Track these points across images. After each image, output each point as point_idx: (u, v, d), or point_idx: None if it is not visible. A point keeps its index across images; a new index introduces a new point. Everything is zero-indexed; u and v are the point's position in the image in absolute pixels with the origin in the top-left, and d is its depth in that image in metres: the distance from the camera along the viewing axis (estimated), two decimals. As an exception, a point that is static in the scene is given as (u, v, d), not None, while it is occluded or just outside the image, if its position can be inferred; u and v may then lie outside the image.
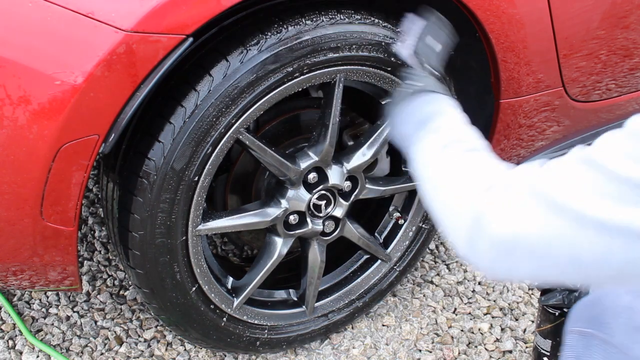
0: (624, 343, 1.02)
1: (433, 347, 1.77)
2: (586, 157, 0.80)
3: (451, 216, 0.92)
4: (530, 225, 0.80)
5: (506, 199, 0.83)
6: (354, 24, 1.35)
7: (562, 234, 0.78)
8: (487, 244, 0.83)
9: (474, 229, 0.85)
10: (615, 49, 1.66)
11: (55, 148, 1.13)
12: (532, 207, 0.80)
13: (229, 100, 1.27)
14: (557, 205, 0.78)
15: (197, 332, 1.54)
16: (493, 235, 0.82)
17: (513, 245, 0.81)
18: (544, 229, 0.79)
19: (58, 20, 1.08)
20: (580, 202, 0.76)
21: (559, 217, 0.78)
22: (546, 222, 0.79)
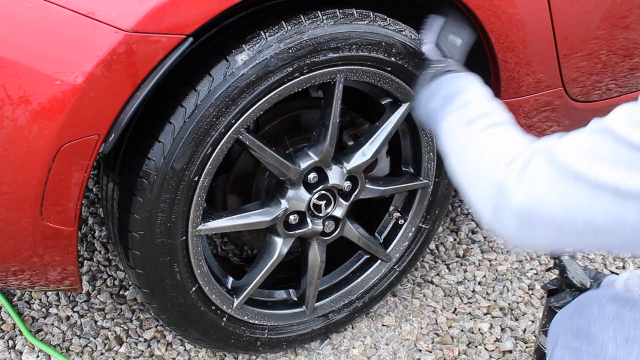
0: (617, 355, 1.01)
1: (433, 347, 1.77)
2: (602, 127, 0.83)
3: (476, 188, 0.96)
4: (549, 195, 0.84)
5: (527, 171, 0.87)
6: (354, 23, 1.35)
7: (578, 202, 0.81)
8: (509, 214, 0.87)
9: (497, 200, 0.89)
10: (615, 49, 1.66)
11: (55, 148, 1.13)
12: (551, 177, 0.84)
13: (229, 100, 1.27)
14: (573, 173, 0.82)
15: (197, 332, 1.54)
16: (515, 206, 0.87)
17: (534, 214, 0.85)
18: (562, 198, 0.83)
19: (58, 20, 1.08)
20: (595, 169, 0.80)
21: (576, 185, 0.81)
22: (564, 190, 0.83)
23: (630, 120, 0.80)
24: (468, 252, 2.06)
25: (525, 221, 0.86)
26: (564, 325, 1.12)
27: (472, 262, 2.02)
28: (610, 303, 1.08)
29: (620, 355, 1.01)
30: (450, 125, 1.10)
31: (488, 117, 1.06)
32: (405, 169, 1.70)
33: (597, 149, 0.82)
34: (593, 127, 0.85)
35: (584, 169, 0.81)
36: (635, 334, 1.01)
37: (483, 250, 2.07)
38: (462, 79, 1.22)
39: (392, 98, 1.52)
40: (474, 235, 2.12)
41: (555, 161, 0.85)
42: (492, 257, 2.04)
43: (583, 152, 0.83)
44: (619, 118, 0.82)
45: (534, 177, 0.86)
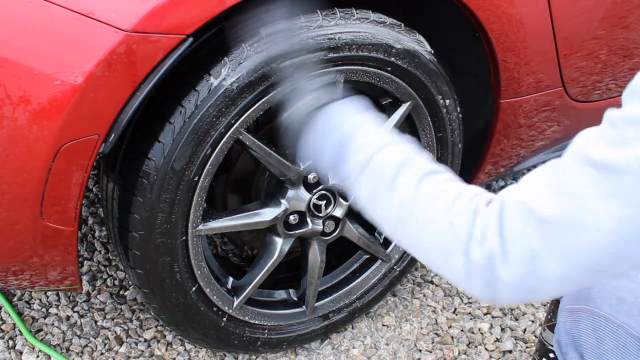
0: (610, 312, 1.09)
1: (433, 347, 1.77)
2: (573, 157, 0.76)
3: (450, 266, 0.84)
4: (544, 256, 0.76)
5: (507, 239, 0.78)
6: (354, 23, 1.35)
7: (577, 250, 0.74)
8: (506, 288, 0.79)
9: (487, 279, 0.80)
10: (615, 49, 1.66)
11: (55, 148, 1.13)
12: (536, 235, 0.75)
13: (228, 100, 1.27)
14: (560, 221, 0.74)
15: (197, 332, 1.54)
16: (511, 281, 0.78)
17: (534, 280, 0.77)
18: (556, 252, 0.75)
19: (58, 20, 1.08)
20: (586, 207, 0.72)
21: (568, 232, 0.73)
22: (556, 242, 0.74)
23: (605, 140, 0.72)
24: (468, 252, 2.06)
25: (524, 288, 0.78)
26: (569, 295, 1.18)
27: (472, 262, 2.02)
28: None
29: (613, 312, 1.09)
30: (367, 193, 0.90)
31: (406, 168, 0.88)
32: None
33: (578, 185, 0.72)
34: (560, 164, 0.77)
35: (571, 212, 0.72)
36: (627, 296, 1.09)
37: (483, 250, 2.07)
38: (343, 116, 0.96)
39: (392, 98, 1.52)
40: (474, 235, 2.12)
41: (533, 215, 0.75)
42: (492, 257, 2.04)
43: (563, 193, 0.73)
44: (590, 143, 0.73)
45: (517, 244, 0.76)
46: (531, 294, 0.80)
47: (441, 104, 1.55)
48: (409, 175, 0.86)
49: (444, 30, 1.59)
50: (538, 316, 1.85)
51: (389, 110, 1.53)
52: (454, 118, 1.59)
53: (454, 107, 1.58)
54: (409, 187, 0.86)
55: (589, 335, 1.12)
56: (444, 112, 1.57)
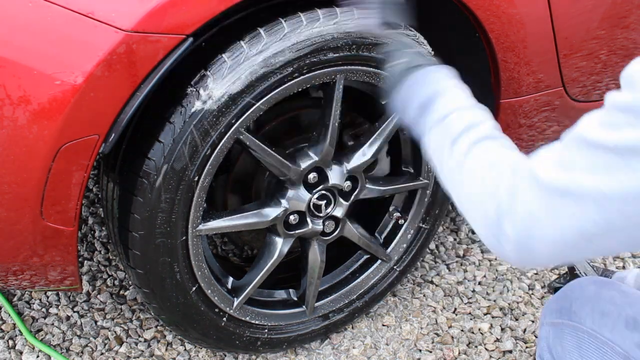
0: (594, 328, 1.09)
1: (433, 347, 1.77)
2: (574, 136, 0.84)
3: (474, 216, 0.96)
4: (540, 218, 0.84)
5: (516, 199, 0.87)
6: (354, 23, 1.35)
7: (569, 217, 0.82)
8: (508, 243, 0.88)
9: (495, 231, 0.90)
10: (615, 49, 1.66)
11: (55, 148, 1.13)
12: (538, 200, 0.85)
13: (228, 100, 1.27)
14: (557, 190, 0.83)
15: (197, 332, 1.54)
16: (512, 235, 0.87)
17: (530, 239, 0.86)
18: (553, 217, 0.83)
19: (58, 20, 1.08)
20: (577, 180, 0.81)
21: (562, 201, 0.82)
22: (552, 209, 0.83)
23: (599, 123, 0.80)
24: (468, 252, 2.06)
25: (524, 246, 0.87)
26: (550, 307, 1.20)
27: (472, 262, 2.02)
28: (590, 285, 1.17)
29: (597, 328, 1.09)
30: (435, 144, 1.05)
31: (471, 131, 1.01)
32: (405, 169, 1.70)
33: (574, 160, 0.82)
34: (566, 139, 0.86)
35: (565, 181, 0.82)
36: (610, 309, 1.09)
37: (483, 250, 2.07)
38: (432, 81, 1.11)
39: (392, 98, 1.52)
40: (474, 235, 2.12)
41: (539, 182, 0.85)
42: (492, 257, 2.04)
43: (561, 165, 0.83)
44: (589, 124, 0.82)
45: (523, 204, 0.87)
46: (530, 254, 0.88)
47: (441, 104, 1.55)
48: (470, 136, 0.99)
49: (444, 30, 1.59)
50: (538, 316, 1.85)
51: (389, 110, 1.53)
52: (454, 118, 1.59)
53: (454, 107, 1.58)
54: (466, 146, 0.98)
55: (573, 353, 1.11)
56: (444, 112, 1.56)
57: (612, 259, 2.05)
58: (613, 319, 1.08)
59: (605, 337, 1.08)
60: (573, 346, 1.11)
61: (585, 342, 1.09)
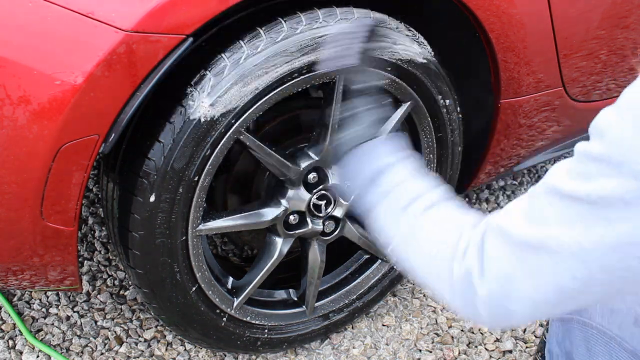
0: (602, 324, 1.08)
1: (433, 347, 1.77)
2: (544, 188, 0.81)
3: (437, 282, 0.92)
4: (513, 275, 0.81)
5: (485, 257, 0.84)
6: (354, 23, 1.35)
7: (544, 273, 0.79)
8: (482, 306, 0.85)
9: (466, 296, 0.86)
10: (615, 49, 1.66)
11: (55, 148, 1.13)
12: (509, 256, 0.81)
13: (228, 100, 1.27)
14: (529, 245, 0.79)
15: (197, 332, 1.54)
16: (485, 297, 0.84)
17: (504, 299, 0.83)
18: (527, 274, 0.80)
19: (58, 20, 1.08)
20: (551, 234, 0.77)
21: (536, 256, 0.79)
22: (526, 266, 0.80)
23: (570, 174, 0.77)
24: (468, 252, 2.06)
25: (499, 308, 0.84)
26: None
27: (472, 262, 2.02)
28: None
29: (605, 323, 1.07)
30: (384, 215, 1.01)
31: (422, 199, 0.98)
32: (405, 169, 1.70)
33: (545, 213, 0.78)
34: (534, 191, 0.83)
35: (539, 237, 0.78)
36: (619, 306, 1.08)
37: (483, 250, 2.07)
38: (381, 152, 1.07)
39: (392, 98, 1.52)
40: (474, 235, 2.12)
41: (508, 238, 0.82)
42: (492, 257, 2.04)
43: (532, 219, 0.80)
44: (559, 175, 0.79)
45: (493, 263, 0.83)
46: (506, 315, 0.84)
47: (441, 104, 1.55)
48: (421, 203, 0.97)
49: (444, 30, 1.59)
50: (538, 316, 1.85)
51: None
52: (454, 118, 1.59)
53: (454, 107, 1.58)
54: (419, 211, 0.96)
55: (581, 348, 1.10)
56: (444, 112, 1.57)
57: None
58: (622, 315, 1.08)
59: (614, 333, 1.07)
60: (581, 341, 1.11)
61: (594, 337, 1.09)
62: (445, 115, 1.57)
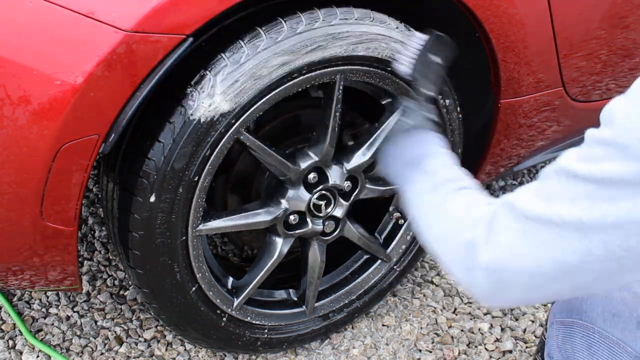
0: (604, 328, 1.09)
1: (433, 347, 1.77)
2: (554, 169, 0.85)
3: (446, 251, 0.99)
4: (516, 246, 0.86)
5: (492, 228, 0.89)
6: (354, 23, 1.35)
7: (546, 246, 0.83)
8: (481, 273, 0.89)
9: (468, 261, 0.91)
10: (615, 49, 1.66)
11: (55, 148, 1.13)
12: (515, 228, 0.86)
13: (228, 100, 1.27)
14: (536, 219, 0.84)
15: (197, 332, 1.54)
16: (485, 264, 0.88)
17: (504, 269, 0.87)
18: (530, 246, 0.84)
19: (58, 20, 1.08)
20: (556, 209, 0.82)
21: (540, 229, 0.83)
22: (530, 238, 0.84)
23: (579, 157, 0.82)
24: (468, 252, 2.06)
25: (497, 277, 0.88)
26: (560, 306, 1.19)
27: (472, 262, 2.02)
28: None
29: (608, 328, 1.08)
30: (416, 190, 1.13)
31: (453, 182, 1.09)
32: (405, 169, 1.70)
33: (554, 191, 0.83)
34: (545, 173, 0.87)
35: (545, 212, 0.83)
36: (622, 309, 1.09)
37: (483, 250, 2.07)
38: (429, 144, 1.24)
39: (392, 98, 1.52)
40: (474, 235, 2.12)
41: (517, 212, 0.87)
42: (492, 257, 2.04)
43: (541, 196, 0.85)
44: (569, 158, 0.84)
45: (500, 233, 0.88)
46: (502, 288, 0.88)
47: (441, 104, 1.55)
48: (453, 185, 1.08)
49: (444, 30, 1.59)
50: (538, 316, 1.85)
51: (390, 110, 1.53)
52: (454, 118, 1.59)
53: (454, 107, 1.58)
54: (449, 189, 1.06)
55: (583, 352, 1.10)
56: (444, 112, 1.57)
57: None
58: (624, 319, 1.08)
59: (616, 337, 1.07)
60: (583, 345, 1.10)
61: (596, 341, 1.09)
62: (445, 115, 1.57)
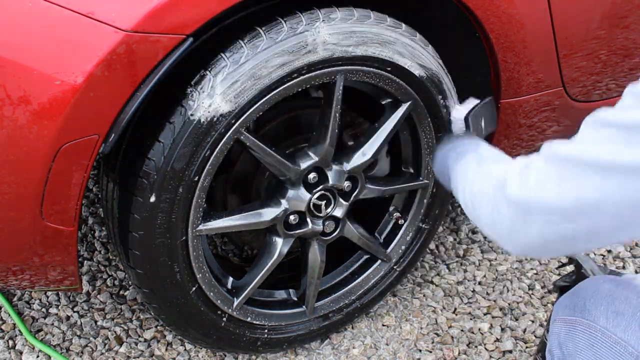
0: (607, 327, 1.09)
1: (433, 347, 1.77)
2: (591, 118, 0.92)
3: (480, 195, 1.06)
4: (543, 182, 0.92)
5: (524, 168, 0.97)
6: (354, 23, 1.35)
7: (569, 182, 0.89)
8: (507, 204, 0.96)
9: (497, 197, 0.99)
10: (615, 49, 1.66)
11: (55, 148, 1.13)
12: (546, 169, 0.93)
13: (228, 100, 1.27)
14: (564, 158, 0.91)
15: (197, 332, 1.54)
16: (513, 196, 0.96)
17: (529, 202, 0.94)
18: (555, 181, 0.91)
19: (58, 20, 1.08)
20: (583, 149, 0.89)
21: (566, 167, 0.90)
22: (557, 175, 0.91)
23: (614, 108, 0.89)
24: (468, 252, 2.06)
25: (521, 209, 0.95)
26: (563, 303, 1.20)
27: (472, 262, 2.02)
28: (605, 283, 1.17)
29: (610, 327, 1.09)
30: (463, 166, 1.22)
31: (497, 157, 1.20)
32: (405, 169, 1.70)
33: (585, 136, 0.91)
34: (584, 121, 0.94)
35: (574, 152, 0.90)
36: (625, 308, 1.09)
37: (483, 250, 2.07)
38: (477, 141, 1.36)
39: (392, 98, 1.52)
40: (474, 235, 2.12)
41: (552, 155, 0.94)
42: (492, 257, 2.04)
43: (574, 142, 0.92)
44: (606, 110, 0.91)
45: (531, 172, 0.95)
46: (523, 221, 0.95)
47: (441, 104, 1.55)
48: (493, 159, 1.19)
49: (444, 30, 1.59)
50: (538, 316, 1.85)
51: (390, 110, 1.53)
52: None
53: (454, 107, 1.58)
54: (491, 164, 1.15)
55: (584, 351, 1.10)
56: (444, 112, 1.57)
57: (612, 259, 2.05)
58: (627, 318, 1.08)
59: (619, 337, 1.07)
60: (585, 344, 1.10)
61: (598, 340, 1.09)
62: (445, 115, 1.57)
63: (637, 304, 1.09)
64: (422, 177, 1.68)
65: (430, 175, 1.68)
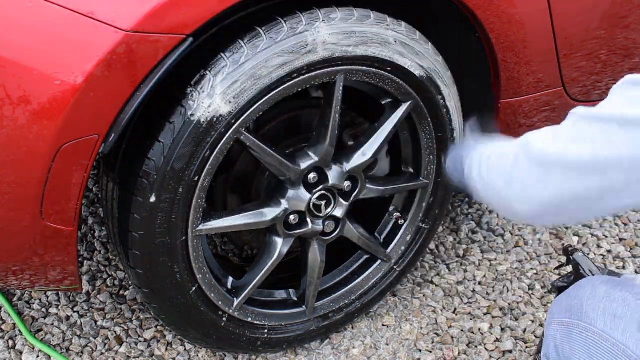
0: (605, 330, 1.08)
1: (433, 347, 1.77)
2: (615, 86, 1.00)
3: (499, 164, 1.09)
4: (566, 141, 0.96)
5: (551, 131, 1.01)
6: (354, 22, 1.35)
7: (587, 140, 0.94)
8: (526, 163, 1.00)
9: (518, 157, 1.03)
10: (615, 49, 1.66)
11: (55, 148, 1.13)
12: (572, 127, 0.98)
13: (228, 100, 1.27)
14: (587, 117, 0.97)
15: (197, 332, 1.54)
16: (534, 152, 1.00)
17: (547, 155, 0.98)
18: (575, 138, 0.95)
19: (58, 20, 1.08)
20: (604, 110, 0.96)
21: (588, 125, 0.95)
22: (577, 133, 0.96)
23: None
24: (468, 252, 2.06)
25: (543, 163, 0.99)
26: (559, 305, 1.19)
27: (472, 262, 2.02)
28: (602, 285, 1.16)
29: (608, 330, 1.08)
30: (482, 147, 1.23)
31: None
32: (405, 169, 1.70)
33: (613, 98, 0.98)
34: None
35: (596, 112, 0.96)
36: (623, 311, 1.08)
37: (483, 250, 2.07)
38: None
39: (392, 98, 1.52)
40: (474, 235, 2.12)
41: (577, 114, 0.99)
42: (492, 257, 2.04)
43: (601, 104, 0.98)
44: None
45: (559, 129, 0.99)
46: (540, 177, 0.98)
47: (441, 104, 1.55)
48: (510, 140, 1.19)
49: (444, 30, 1.59)
50: (538, 316, 1.85)
51: (390, 110, 1.53)
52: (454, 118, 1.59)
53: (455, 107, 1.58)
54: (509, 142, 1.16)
55: (581, 354, 1.09)
56: (444, 112, 1.57)
57: (612, 259, 2.05)
58: (625, 321, 1.07)
59: (617, 340, 1.06)
60: (582, 347, 1.09)
61: (596, 343, 1.08)
62: (445, 115, 1.57)
63: (635, 306, 1.08)
64: (422, 177, 1.68)
65: (430, 176, 1.68)
